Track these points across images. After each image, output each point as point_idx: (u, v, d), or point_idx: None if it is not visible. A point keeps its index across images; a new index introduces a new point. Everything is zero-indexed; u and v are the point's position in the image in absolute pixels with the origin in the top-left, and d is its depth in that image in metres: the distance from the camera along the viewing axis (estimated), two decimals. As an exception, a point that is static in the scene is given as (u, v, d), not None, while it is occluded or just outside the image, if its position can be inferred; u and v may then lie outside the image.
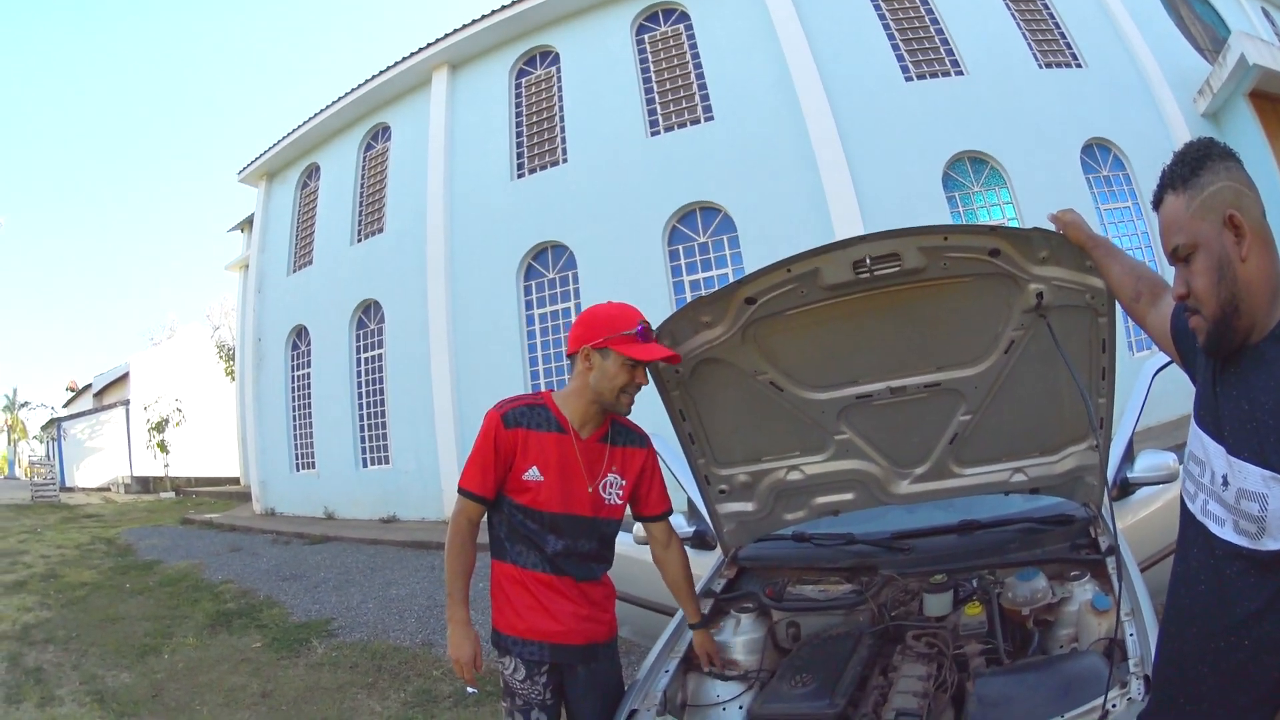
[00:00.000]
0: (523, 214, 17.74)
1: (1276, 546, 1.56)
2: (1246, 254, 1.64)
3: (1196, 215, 1.69)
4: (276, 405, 22.89)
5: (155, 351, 44.94)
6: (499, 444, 2.93)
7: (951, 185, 15.22)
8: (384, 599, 10.34)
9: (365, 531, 16.56)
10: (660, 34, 17.86)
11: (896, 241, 2.82)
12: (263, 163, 24.63)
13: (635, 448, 3.20)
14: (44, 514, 24.30)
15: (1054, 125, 15.34)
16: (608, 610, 3.18)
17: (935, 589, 3.36)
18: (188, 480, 36.63)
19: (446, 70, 19.82)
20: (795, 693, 2.85)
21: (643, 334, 2.94)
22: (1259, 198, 1.71)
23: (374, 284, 20.16)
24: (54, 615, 10.13)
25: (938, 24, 16.58)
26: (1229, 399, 1.70)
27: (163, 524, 21.47)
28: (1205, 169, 1.71)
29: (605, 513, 3.08)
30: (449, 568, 2.98)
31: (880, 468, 3.68)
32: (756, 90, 16.19)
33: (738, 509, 3.91)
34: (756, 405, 3.51)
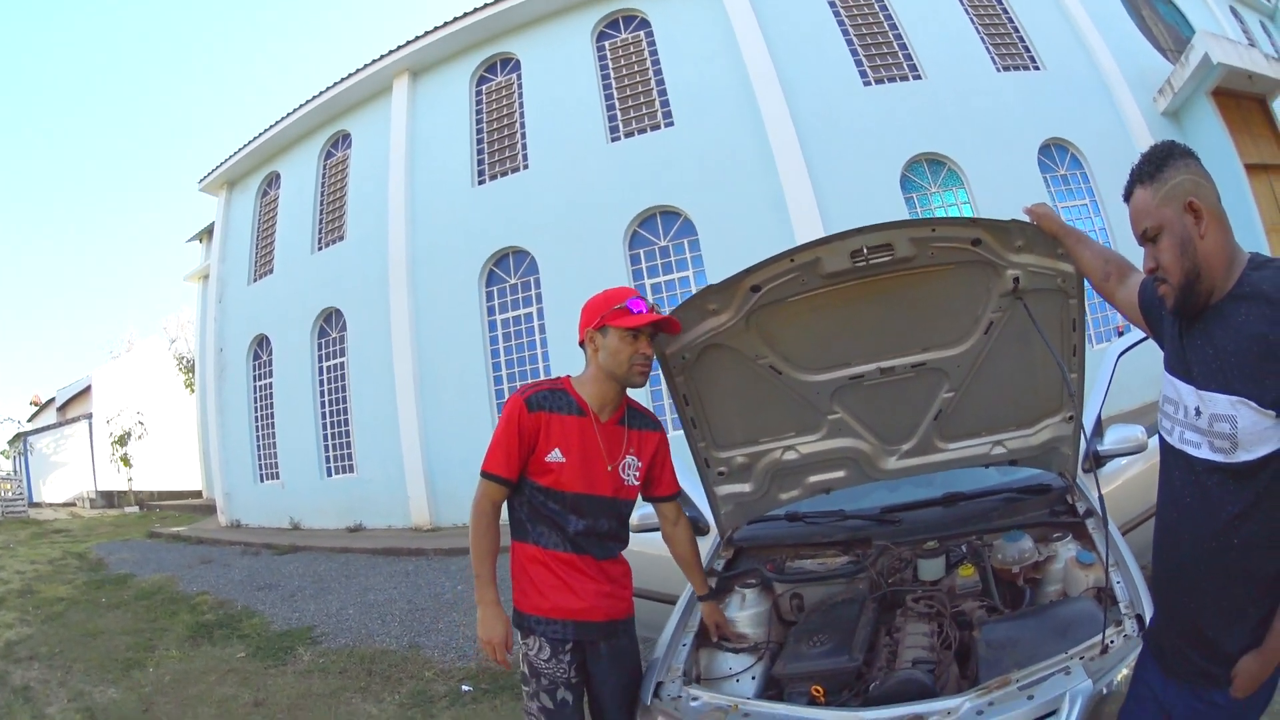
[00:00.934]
0: (484, 220, 17.74)
1: (1249, 457, 1.90)
2: (1205, 232, 1.99)
3: (1161, 203, 2.05)
4: (239, 416, 22.71)
5: (116, 365, 44.22)
6: (523, 427, 3.01)
7: (910, 186, 15.43)
8: (364, 604, 10.35)
9: (333, 540, 16.47)
10: (621, 41, 17.97)
11: (890, 233, 3.04)
12: (223, 171, 24.45)
13: (650, 430, 3.34)
14: (14, 530, 23.95)
15: (1011, 126, 15.58)
16: (626, 588, 3.27)
17: (928, 555, 3.58)
18: (151, 494, 36.02)
19: (407, 77, 19.81)
20: (814, 652, 3.05)
21: (634, 305, 3.06)
22: (1214, 187, 2.07)
23: (335, 292, 20.08)
24: (35, 631, 10.01)
25: (896, 29, 16.80)
26: (1194, 348, 2.04)
27: (130, 538, 21.27)
28: (1168, 166, 2.08)
29: (624, 493, 3.19)
30: (475, 550, 3.04)
31: (870, 445, 3.87)
32: (717, 96, 16.33)
33: (735, 490, 4.06)
34: (756, 388, 3.68)
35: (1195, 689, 2.11)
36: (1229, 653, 2.01)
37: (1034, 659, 2.56)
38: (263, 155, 23.53)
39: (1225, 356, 1.95)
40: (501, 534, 3.15)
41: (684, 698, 3.00)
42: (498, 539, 3.08)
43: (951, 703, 2.49)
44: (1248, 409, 1.89)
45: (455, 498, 16.27)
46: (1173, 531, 2.16)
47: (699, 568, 3.52)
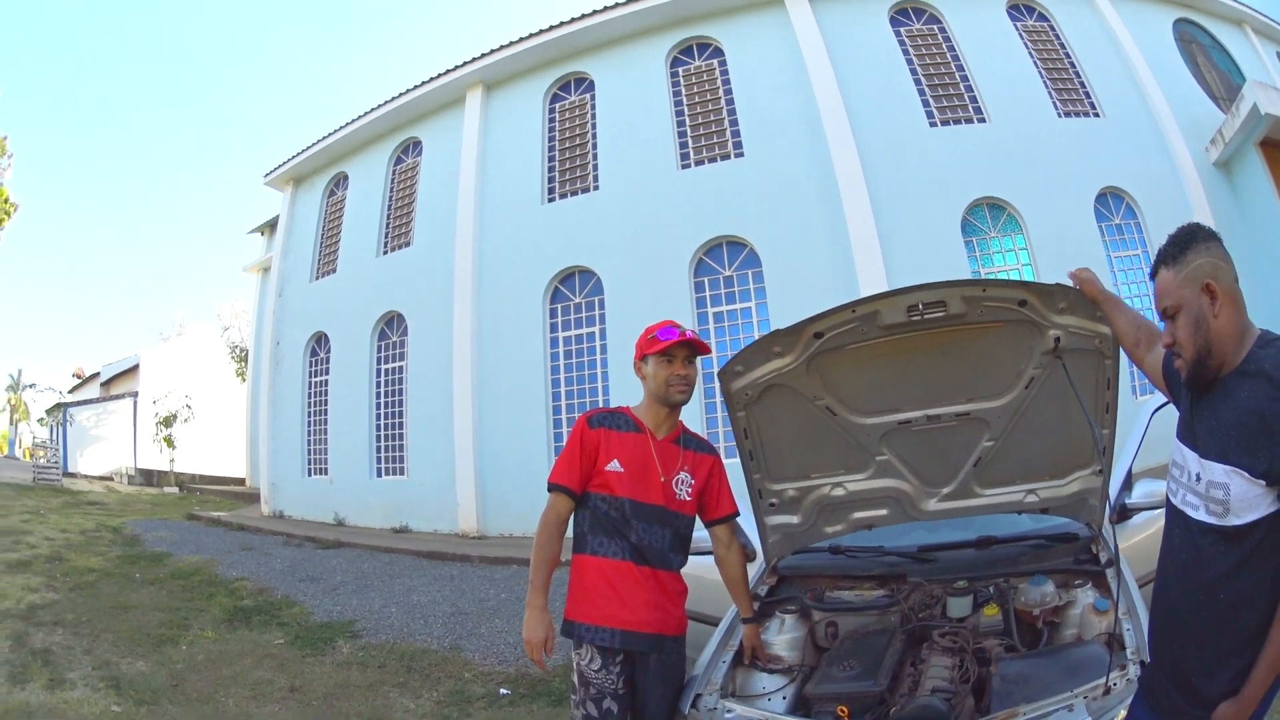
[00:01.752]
0: (552, 237, 18.06)
1: (1239, 521, 2.13)
2: (1219, 312, 2.22)
3: (1181, 284, 2.28)
4: (292, 410, 23.00)
5: (165, 347, 45.23)
6: (585, 441, 3.42)
7: (970, 230, 15.53)
8: (406, 604, 10.41)
9: (378, 539, 16.64)
10: (694, 67, 18.18)
11: (945, 290, 3.30)
12: (290, 167, 24.85)
13: (705, 453, 3.66)
14: (46, 496, 24.21)
15: (1070, 173, 15.69)
16: (679, 605, 3.52)
17: (957, 593, 3.81)
18: (192, 477, 36.54)
19: (481, 90, 20.07)
20: (843, 675, 3.33)
21: (663, 334, 3.43)
22: (1232, 269, 2.28)
23: (398, 296, 20.31)
24: (61, 598, 10.08)
25: (963, 70, 16.98)
26: (1201, 419, 2.28)
27: (168, 518, 21.44)
28: (1190, 249, 2.29)
29: (676, 506, 3.48)
30: (535, 557, 3.33)
31: (912, 486, 4.13)
32: (786, 128, 16.53)
33: (784, 521, 4.33)
34: (811, 427, 3.95)
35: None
36: (1210, 698, 2.22)
37: (1042, 695, 2.78)
38: (331, 155, 23.91)
39: (1226, 428, 2.18)
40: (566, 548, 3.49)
41: (719, 709, 3.26)
42: (559, 550, 3.37)
43: None
44: (1240, 478, 2.11)
45: (504, 507, 16.48)
46: (1167, 583, 2.43)
47: (746, 591, 3.77)
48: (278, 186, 25.90)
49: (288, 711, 6.34)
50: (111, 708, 6.24)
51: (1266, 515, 2.09)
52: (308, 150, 24.23)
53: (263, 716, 6.23)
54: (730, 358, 3.79)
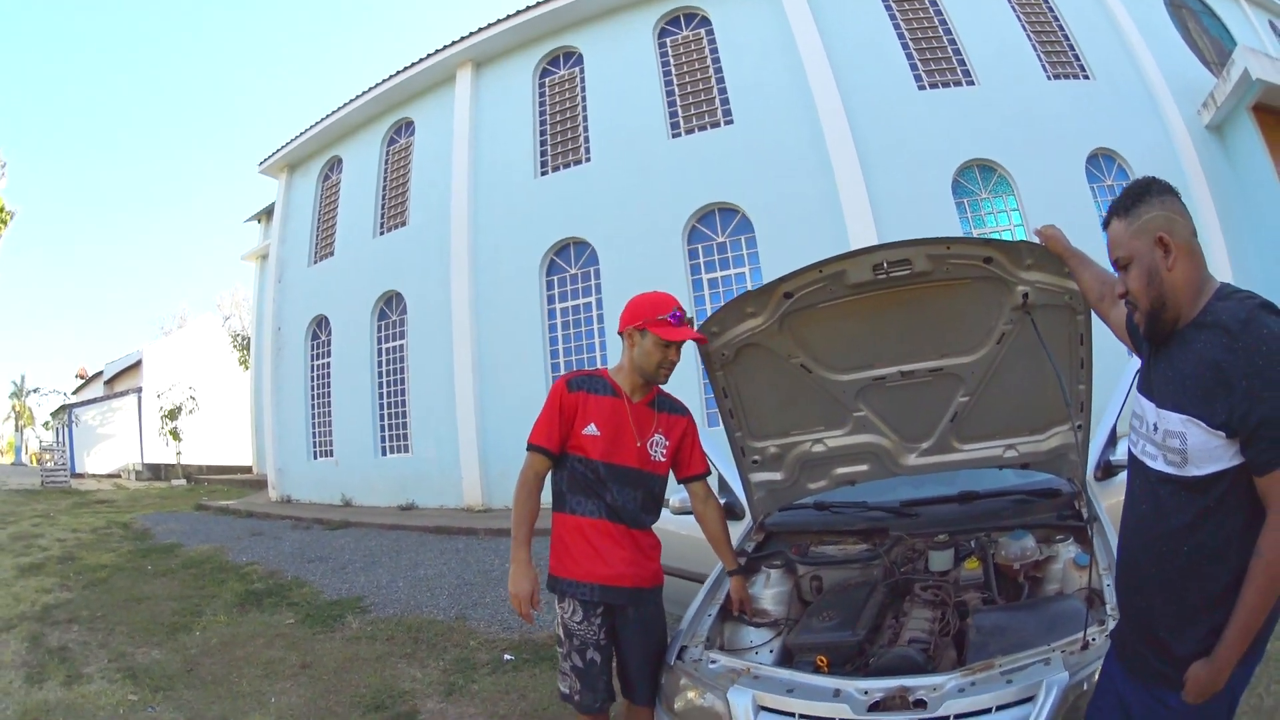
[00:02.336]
0: (546, 210, 18.19)
1: (1198, 472, 2.11)
2: (1173, 265, 2.19)
3: (1133, 236, 2.26)
4: (295, 394, 23.19)
5: (167, 340, 45.21)
6: (563, 404, 3.50)
7: (961, 191, 15.64)
8: (413, 578, 10.60)
9: (384, 518, 16.82)
10: (682, 38, 18.23)
11: (909, 249, 3.39)
12: (284, 154, 24.96)
13: (678, 415, 3.74)
14: (55, 499, 24.22)
15: (1060, 135, 15.69)
16: (654, 559, 3.65)
17: (938, 547, 3.87)
18: (199, 468, 36.77)
19: (471, 68, 20.15)
20: (822, 627, 3.41)
21: (676, 318, 3.48)
22: (1189, 222, 2.25)
23: (396, 276, 20.47)
24: (75, 596, 10.16)
25: (950, 34, 17.00)
26: (1158, 369, 2.28)
27: (178, 510, 21.55)
28: (1143, 201, 2.27)
29: (651, 467, 3.58)
30: (515, 514, 3.49)
31: (891, 442, 4.21)
32: (775, 95, 16.62)
33: (767, 478, 4.44)
34: (788, 385, 4.06)
35: (1151, 688, 2.27)
36: (1180, 655, 2.17)
37: (1019, 648, 2.82)
38: (325, 140, 23.98)
39: (1183, 379, 2.15)
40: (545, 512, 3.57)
41: (704, 660, 3.32)
42: (537, 506, 3.51)
43: (938, 679, 2.75)
44: (1197, 428, 2.08)
45: (508, 480, 16.15)
46: (1129, 535, 2.39)
47: (728, 544, 3.82)
48: (273, 174, 25.99)
49: (299, 687, 6.43)
50: (129, 697, 6.32)
51: (1229, 468, 2.08)
52: (301, 136, 24.31)
53: (275, 694, 6.29)
54: (705, 318, 3.89)
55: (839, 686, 2.87)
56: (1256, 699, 4.20)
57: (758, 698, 2.93)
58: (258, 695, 6.29)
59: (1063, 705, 2.50)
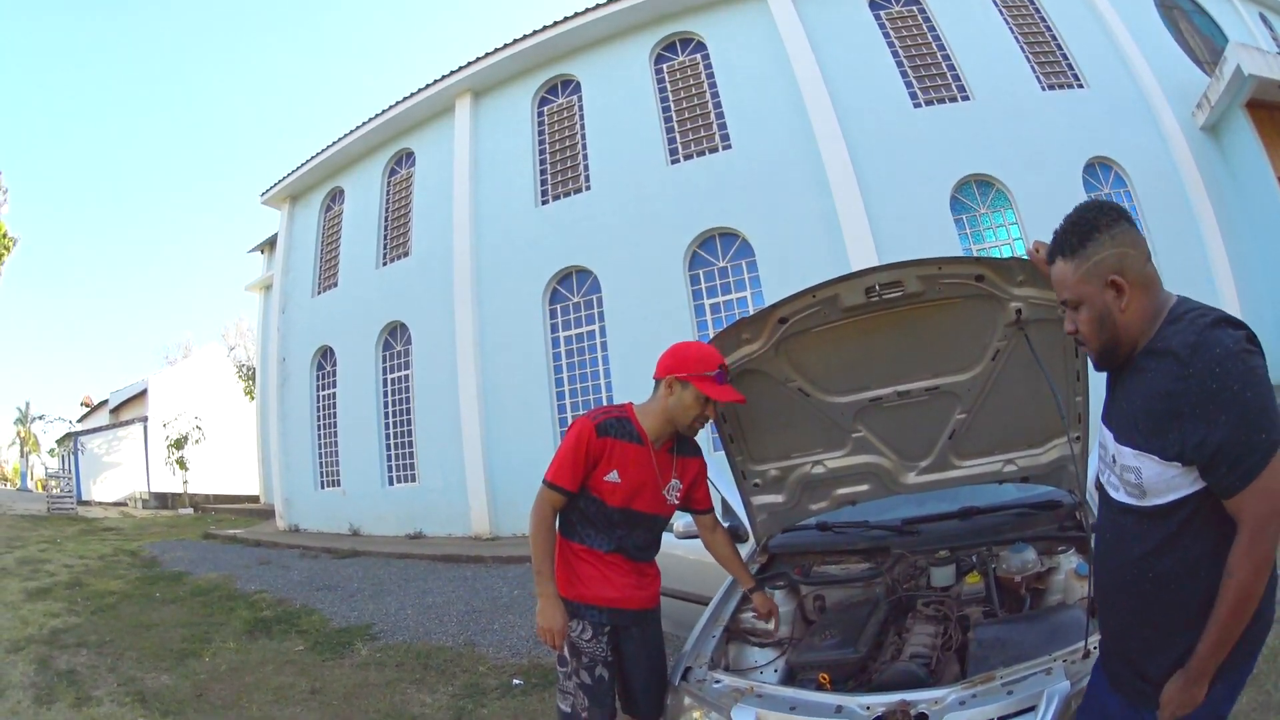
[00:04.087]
0: (548, 239, 18.26)
1: (1158, 502, 2.07)
2: (1126, 306, 2.11)
3: (1082, 280, 2.15)
4: (301, 424, 23.19)
5: (172, 370, 45.42)
6: (589, 449, 3.45)
7: (959, 208, 15.69)
8: (421, 605, 10.63)
9: (393, 547, 16.86)
10: (678, 63, 18.35)
11: (900, 271, 3.41)
12: (286, 185, 25.07)
13: (693, 457, 3.76)
14: (61, 525, 24.47)
15: (1057, 146, 15.68)
16: (654, 584, 3.74)
17: (940, 563, 3.93)
18: (206, 497, 36.85)
19: (470, 97, 20.26)
20: (824, 645, 3.44)
21: (720, 377, 3.44)
22: (1142, 249, 2.15)
23: (400, 306, 20.51)
24: (83, 621, 10.24)
25: (944, 50, 17.08)
26: (1115, 400, 2.25)
27: (185, 538, 21.61)
28: (1091, 240, 2.13)
29: (665, 510, 3.65)
30: (537, 549, 3.48)
31: (891, 461, 4.23)
32: (772, 118, 16.70)
33: (769, 500, 4.48)
34: (786, 409, 4.09)
35: (1132, 704, 2.24)
36: (1154, 678, 2.15)
37: (1020, 659, 2.82)
38: (326, 171, 24.12)
39: (1134, 413, 2.11)
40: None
41: (708, 680, 3.32)
42: (555, 539, 3.55)
43: (939, 693, 2.75)
44: (1151, 461, 2.05)
45: (516, 508, 16.55)
46: (1099, 561, 2.38)
47: (742, 565, 3.91)
48: (275, 205, 26.09)
49: (309, 713, 6.50)
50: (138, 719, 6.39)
51: (1191, 494, 2.03)
52: (302, 167, 24.43)
53: (285, 718, 6.38)
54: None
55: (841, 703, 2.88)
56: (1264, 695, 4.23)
57: (761, 716, 2.96)
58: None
59: (1064, 714, 2.51)
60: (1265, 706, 4.13)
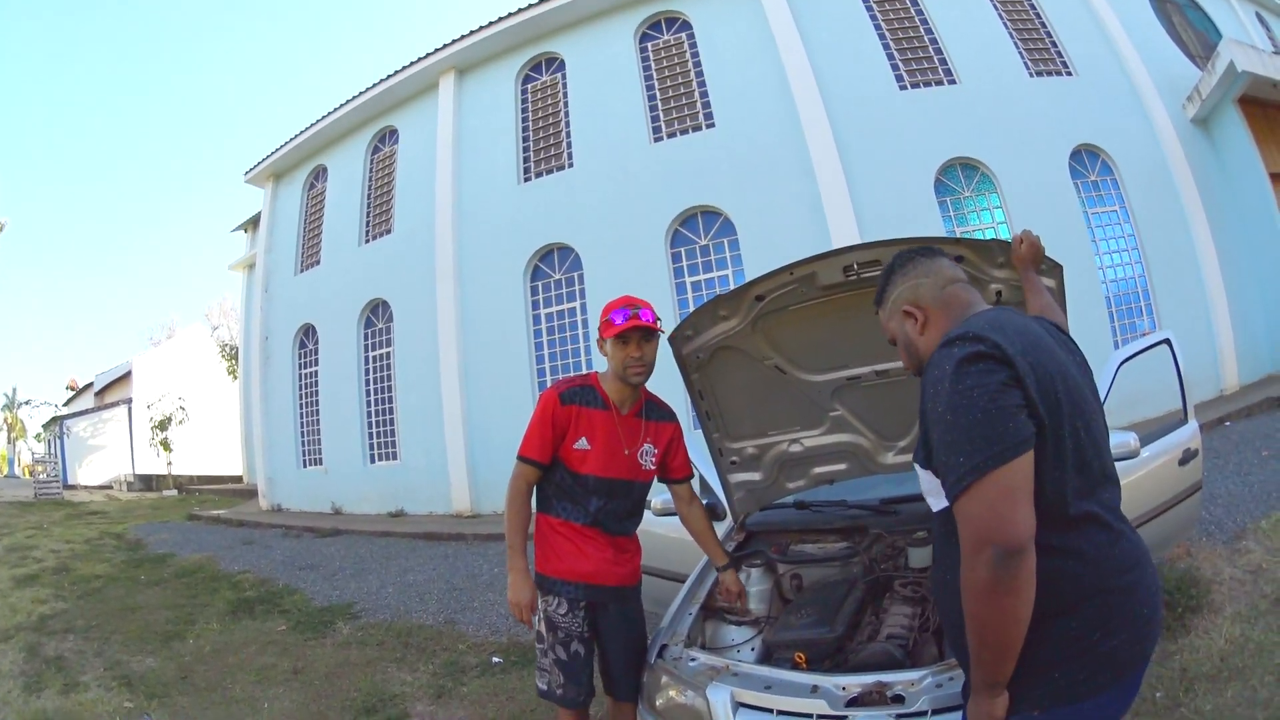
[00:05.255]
0: (530, 217, 18.23)
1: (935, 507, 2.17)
2: (923, 328, 2.30)
3: (888, 319, 2.43)
4: (284, 403, 23.20)
5: (157, 351, 45.25)
6: (555, 418, 3.52)
7: (943, 190, 15.68)
8: (403, 584, 10.71)
9: (374, 525, 16.91)
10: (663, 42, 18.29)
11: (878, 250, 3.40)
12: (270, 164, 24.98)
13: (666, 422, 3.78)
14: (49, 511, 24.44)
15: (1043, 132, 15.69)
16: (634, 559, 3.74)
17: (918, 544, 3.90)
18: (190, 478, 36.88)
19: (454, 75, 20.20)
20: (800, 623, 3.44)
21: (615, 316, 3.49)
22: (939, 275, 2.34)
23: (382, 284, 20.51)
24: (70, 606, 10.34)
25: (932, 34, 17.02)
26: None
27: (169, 520, 21.65)
28: (889, 285, 2.42)
29: (641, 476, 3.65)
30: (509, 523, 3.49)
31: (869, 440, 4.29)
32: (757, 98, 16.66)
33: (746, 478, 4.51)
34: (763, 386, 4.12)
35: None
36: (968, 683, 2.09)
37: None
38: (309, 149, 24.04)
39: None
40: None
41: (684, 658, 3.36)
42: (529, 515, 3.55)
43: (915, 674, 2.78)
44: (918, 468, 2.17)
45: (496, 486, 16.39)
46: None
47: (715, 541, 3.88)
48: (258, 183, 25.99)
49: (292, 692, 6.55)
50: (124, 704, 6.45)
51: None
52: (286, 145, 24.34)
53: (268, 699, 6.42)
54: (679, 323, 3.93)
55: (817, 682, 2.90)
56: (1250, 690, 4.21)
57: (735, 694, 2.96)
58: (251, 701, 6.42)
59: None
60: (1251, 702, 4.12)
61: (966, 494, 1.85)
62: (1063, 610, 1.92)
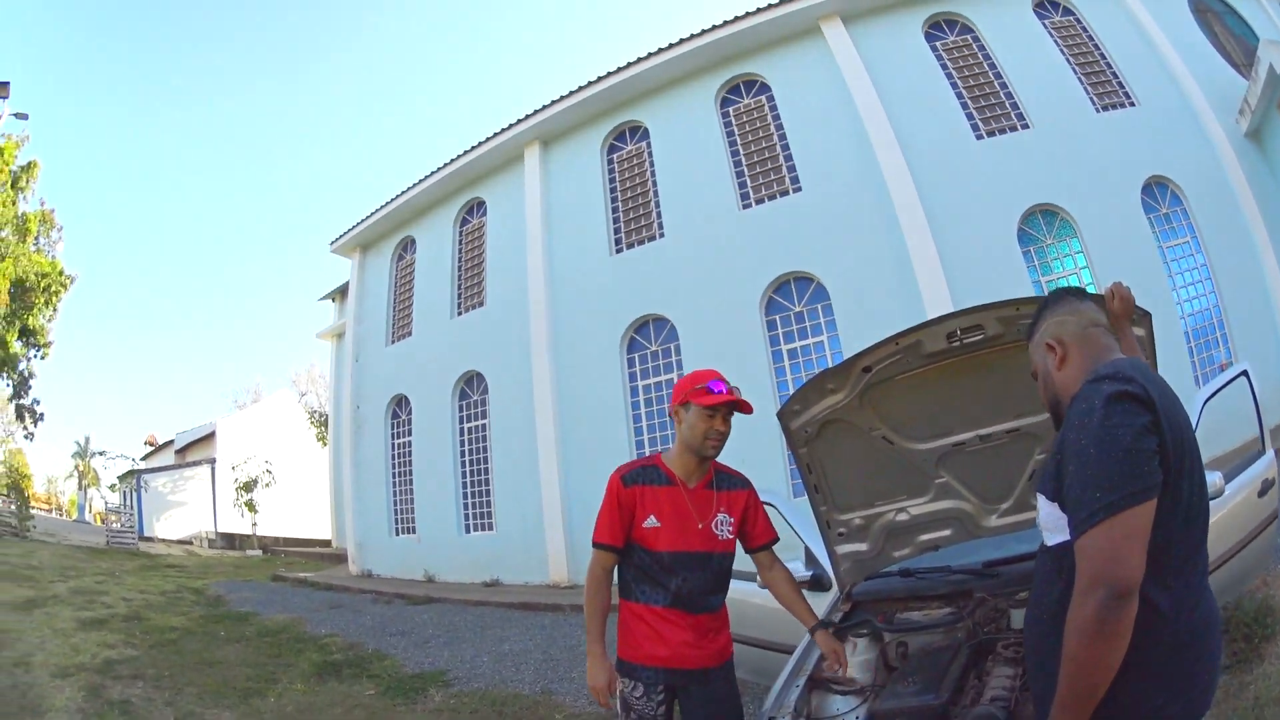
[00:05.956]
0: (623, 288, 18.70)
1: (1050, 542, 2.20)
2: (1060, 363, 2.38)
3: (1033, 352, 2.53)
4: (376, 471, 23.69)
5: (242, 414, 47.24)
6: (621, 500, 3.61)
7: (1026, 240, 15.69)
8: (498, 653, 10.64)
9: (468, 594, 17.02)
10: (744, 105, 18.69)
11: (980, 315, 3.56)
12: (356, 235, 25.85)
13: (738, 490, 3.81)
14: (121, 559, 25.00)
15: (1115, 169, 15.67)
16: (720, 637, 3.72)
17: (1020, 604, 3.91)
18: (275, 539, 37.68)
19: (538, 146, 20.84)
20: (907, 691, 3.45)
21: (714, 385, 3.55)
22: (1084, 315, 2.44)
23: (476, 356, 20.99)
24: (141, 654, 10.14)
25: (1001, 78, 17.14)
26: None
27: (252, 579, 22.01)
28: (1039, 320, 2.55)
29: (719, 547, 3.67)
30: (588, 609, 3.63)
31: (972, 505, 4.37)
32: (839, 158, 16.92)
33: (853, 549, 4.62)
34: (870, 457, 4.24)
35: None
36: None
37: None
38: (396, 221, 24.89)
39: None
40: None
41: None
42: (609, 600, 3.63)
43: None
44: (1043, 500, 2.18)
45: None
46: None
47: (804, 602, 3.85)
48: (345, 253, 26.93)
49: (379, 757, 6.46)
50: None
51: (1070, 540, 2.04)
52: (372, 217, 25.22)
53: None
54: (787, 398, 4.14)
55: None
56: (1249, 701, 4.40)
57: None
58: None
59: None
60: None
61: (1094, 529, 1.90)
62: (1136, 663, 1.93)
